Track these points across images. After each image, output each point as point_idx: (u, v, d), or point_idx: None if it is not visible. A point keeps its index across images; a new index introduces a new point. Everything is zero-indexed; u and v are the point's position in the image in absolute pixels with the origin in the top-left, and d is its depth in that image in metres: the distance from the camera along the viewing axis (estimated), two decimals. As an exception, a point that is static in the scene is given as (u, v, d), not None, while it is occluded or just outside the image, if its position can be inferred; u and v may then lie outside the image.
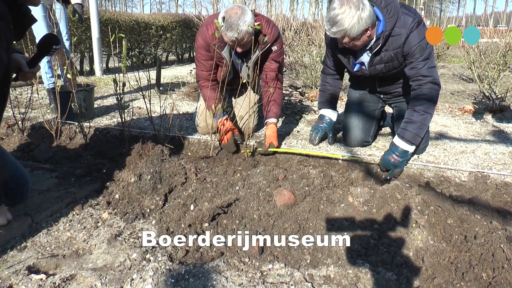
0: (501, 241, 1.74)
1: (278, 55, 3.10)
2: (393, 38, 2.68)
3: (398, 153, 2.73)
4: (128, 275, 1.63)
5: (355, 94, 3.39)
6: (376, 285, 1.70)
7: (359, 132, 3.25)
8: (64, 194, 2.32)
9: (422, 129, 2.72)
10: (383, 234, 1.99)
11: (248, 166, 2.87)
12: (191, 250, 1.87)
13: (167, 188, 2.33)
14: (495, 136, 3.74)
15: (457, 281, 1.68)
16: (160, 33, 11.05)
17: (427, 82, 2.68)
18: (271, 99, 3.23)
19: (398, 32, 2.65)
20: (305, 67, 6.48)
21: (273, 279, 1.70)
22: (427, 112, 2.69)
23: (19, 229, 1.99)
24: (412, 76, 2.75)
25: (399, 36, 2.66)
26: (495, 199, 2.39)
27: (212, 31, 2.94)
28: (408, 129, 2.71)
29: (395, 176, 2.77)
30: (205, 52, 3.05)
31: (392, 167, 2.73)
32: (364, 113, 3.32)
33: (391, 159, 2.73)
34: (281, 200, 2.22)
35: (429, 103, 2.69)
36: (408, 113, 2.77)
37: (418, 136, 2.71)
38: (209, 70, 3.09)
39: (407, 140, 2.71)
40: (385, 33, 2.65)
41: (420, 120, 2.69)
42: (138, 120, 4.01)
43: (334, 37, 2.62)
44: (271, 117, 3.23)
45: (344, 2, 2.48)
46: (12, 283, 1.58)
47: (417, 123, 2.70)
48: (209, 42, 2.98)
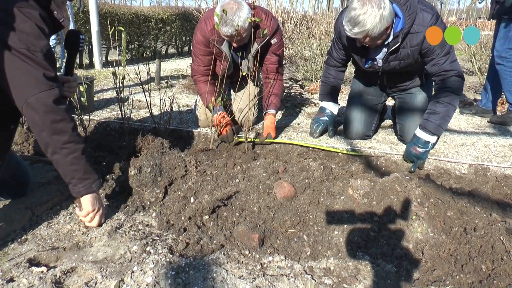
0: (501, 233, 1.74)
1: (277, 48, 3.08)
2: (411, 36, 2.65)
3: (420, 145, 2.71)
4: (129, 267, 1.64)
5: (359, 87, 3.37)
6: (376, 277, 1.71)
7: (360, 125, 3.24)
8: (64, 187, 2.31)
9: (445, 120, 2.71)
10: (383, 227, 1.99)
11: (248, 159, 2.87)
12: (191, 243, 1.88)
13: (167, 180, 2.33)
14: (495, 128, 3.73)
15: (456, 273, 1.68)
16: (159, 26, 11.00)
17: (452, 76, 2.67)
18: (271, 91, 3.21)
19: (417, 29, 2.62)
20: (305, 60, 6.47)
21: (273, 272, 1.70)
22: (450, 103, 2.68)
23: (20, 222, 1.99)
24: (435, 72, 2.73)
25: (418, 34, 2.63)
26: (495, 192, 2.40)
27: (211, 26, 2.92)
28: (431, 120, 2.71)
29: (419, 167, 2.75)
30: (204, 47, 3.04)
31: (415, 158, 2.71)
32: (367, 106, 3.31)
33: (413, 150, 2.72)
34: (281, 192, 2.22)
35: (453, 95, 2.68)
36: (431, 104, 2.75)
37: (440, 127, 2.70)
38: (207, 65, 3.08)
39: (429, 131, 2.70)
40: (404, 30, 2.62)
41: (443, 111, 2.68)
42: (138, 113, 4.01)
43: (355, 37, 2.59)
44: (270, 108, 3.22)
45: (365, 1, 2.44)
46: (13, 275, 1.58)
47: (440, 114, 2.68)
48: (208, 37, 2.97)
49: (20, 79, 1.66)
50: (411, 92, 3.19)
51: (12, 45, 1.62)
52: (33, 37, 1.66)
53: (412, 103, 3.18)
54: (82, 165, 1.85)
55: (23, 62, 1.64)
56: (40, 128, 1.72)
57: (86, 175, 1.87)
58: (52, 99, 1.69)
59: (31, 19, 1.66)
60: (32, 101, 1.67)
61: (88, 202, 1.93)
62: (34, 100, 1.67)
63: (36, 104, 1.67)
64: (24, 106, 1.68)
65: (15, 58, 1.63)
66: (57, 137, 1.75)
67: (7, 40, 1.61)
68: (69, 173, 1.84)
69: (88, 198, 1.92)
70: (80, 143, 1.83)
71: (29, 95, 1.67)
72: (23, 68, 1.65)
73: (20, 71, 1.65)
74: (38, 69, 1.67)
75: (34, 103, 1.67)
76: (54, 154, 1.79)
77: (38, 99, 1.67)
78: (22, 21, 1.64)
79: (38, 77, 1.67)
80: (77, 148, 1.81)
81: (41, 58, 1.68)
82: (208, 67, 3.10)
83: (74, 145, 1.80)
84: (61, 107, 1.74)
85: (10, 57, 1.63)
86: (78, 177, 1.86)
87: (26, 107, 1.68)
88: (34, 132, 1.77)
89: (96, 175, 1.93)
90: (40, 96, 1.67)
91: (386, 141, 3.26)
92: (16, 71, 1.65)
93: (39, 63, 1.68)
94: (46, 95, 1.68)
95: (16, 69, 1.64)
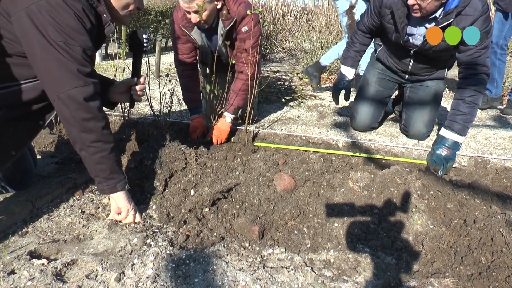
0: (500, 225, 1.74)
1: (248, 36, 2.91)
2: (461, 17, 2.56)
3: (449, 145, 2.64)
4: (129, 260, 1.64)
5: (372, 77, 3.34)
6: (375, 269, 1.71)
7: (368, 119, 3.24)
8: (64, 180, 2.32)
9: (470, 121, 2.66)
10: (383, 219, 2.00)
11: (248, 151, 2.86)
12: (191, 235, 1.88)
13: (167, 173, 2.33)
14: (496, 121, 3.73)
15: (456, 265, 1.69)
16: (159, 19, 10.95)
17: (481, 73, 2.61)
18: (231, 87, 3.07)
19: (469, 12, 2.53)
20: (305, 52, 6.44)
21: (273, 264, 1.71)
22: (475, 103, 2.62)
23: (20, 214, 1.99)
24: (468, 63, 2.64)
25: (468, 17, 2.54)
26: (495, 184, 2.40)
27: (182, 13, 2.88)
28: (457, 121, 2.64)
29: (448, 170, 2.63)
30: (181, 35, 2.98)
31: (445, 161, 2.60)
32: (376, 99, 3.30)
33: (443, 152, 2.63)
34: (281, 185, 2.22)
35: (478, 94, 2.62)
36: (456, 103, 2.68)
37: (466, 127, 2.65)
38: (187, 52, 3.03)
39: (456, 132, 2.64)
40: (458, 9, 2.53)
41: (469, 111, 2.62)
42: (138, 106, 4.00)
43: None
44: (226, 109, 3.05)
45: None
46: (14, 267, 1.59)
47: (466, 114, 2.62)
48: (180, 24, 2.92)
49: (54, 72, 1.64)
50: (426, 85, 3.15)
51: (51, 35, 1.60)
52: (72, 30, 1.64)
53: (424, 96, 3.14)
54: (109, 164, 1.83)
55: (59, 54, 1.62)
56: (70, 124, 1.72)
57: (112, 175, 1.85)
58: (84, 96, 1.68)
59: (72, 10, 1.64)
60: (64, 96, 1.66)
61: (113, 201, 1.93)
62: (66, 96, 1.65)
63: (67, 100, 1.66)
64: (56, 100, 1.68)
65: (52, 50, 1.61)
66: (85, 135, 1.73)
67: (47, 30, 1.59)
68: (95, 171, 1.84)
69: (115, 197, 1.91)
70: (109, 143, 1.81)
71: (61, 90, 1.65)
72: (58, 60, 1.63)
73: (56, 63, 1.63)
74: (74, 64, 1.65)
75: (65, 98, 1.66)
76: (81, 151, 1.78)
77: (69, 95, 1.65)
78: (64, 11, 1.62)
79: (73, 72, 1.65)
80: (105, 147, 1.79)
81: (78, 53, 1.66)
82: (190, 55, 3.06)
83: (103, 144, 1.78)
84: (92, 105, 1.72)
85: (47, 48, 1.61)
86: (103, 176, 1.84)
87: (58, 101, 1.67)
88: (64, 126, 1.76)
89: (122, 175, 1.91)
90: (72, 93, 1.66)
91: (386, 134, 3.25)
92: (51, 63, 1.63)
93: (75, 58, 1.65)
94: (78, 91, 1.67)
95: (52, 61, 1.63)
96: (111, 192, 1.89)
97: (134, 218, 1.96)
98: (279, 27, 7.97)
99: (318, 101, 4.42)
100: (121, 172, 1.91)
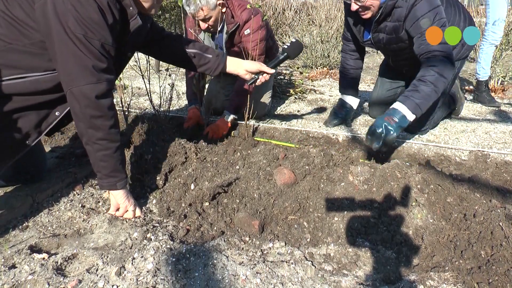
0: (500, 219, 1.74)
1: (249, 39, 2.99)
2: (396, 10, 2.65)
3: (396, 117, 2.41)
4: (130, 254, 1.64)
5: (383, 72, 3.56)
6: (375, 263, 1.72)
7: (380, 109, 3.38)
8: (64, 174, 2.33)
9: (426, 101, 2.46)
10: (383, 213, 2.00)
11: (248, 146, 2.86)
12: (191, 229, 1.88)
13: (167, 167, 2.33)
14: (496, 115, 3.72)
15: (456, 259, 1.69)
16: (159, 13, 10.90)
17: (438, 55, 2.49)
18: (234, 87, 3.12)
19: (401, 4, 2.60)
20: (306, 47, 6.43)
21: (273, 258, 1.71)
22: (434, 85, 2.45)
23: (21, 209, 2.00)
24: (423, 53, 2.56)
25: (401, 9, 2.61)
26: (495, 178, 2.40)
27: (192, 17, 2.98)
28: (411, 97, 2.45)
29: (387, 143, 2.40)
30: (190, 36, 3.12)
31: (384, 131, 2.37)
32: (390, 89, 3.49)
33: (387, 119, 2.40)
34: (281, 179, 2.22)
35: (438, 75, 2.46)
36: (414, 81, 2.52)
37: (419, 107, 2.43)
38: None
39: (407, 107, 2.42)
40: (388, 2, 2.60)
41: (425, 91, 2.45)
42: (138, 100, 4.00)
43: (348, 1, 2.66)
44: (226, 109, 3.10)
45: None
46: (15, 262, 1.59)
47: (421, 92, 2.44)
48: (189, 27, 3.08)
49: (69, 65, 1.64)
50: None
51: (71, 27, 1.59)
52: (94, 23, 1.63)
53: None
54: (112, 163, 1.83)
55: (76, 48, 1.62)
56: (79, 118, 1.72)
57: (113, 173, 1.85)
58: (96, 93, 1.67)
59: (96, 4, 1.63)
60: (76, 91, 1.66)
61: (113, 198, 1.93)
62: (78, 91, 1.66)
63: (79, 95, 1.66)
64: (68, 93, 1.68)
65: (69, 43, 1.61)
66: (92, 131, 1.74)
67: (68, 21, 1.59)
68: (97, 166, 1.84)
69: (114, 193, 1.91)
70: (115, 142, 1.81)
71: (74, 84, 1.65)
72: (74, 54, 1.62)
73: (71, 57, 1.62)
74: (90, 58, 1.64)
75: (77, 94, 1.66)
76: (87, 145, 1.79)
77: (81, 91, 1.65)
78: (88, 4, 1.61)
79: (88, 68, 1.65)
80: (110, 146, 1.79)
81: (96, 47, 1.65)
82: None
83: (108, 143, 1.78)
84: (103, 103, 1.72)
85: (65, 40, 1.60)
86: (104, 173, 1.85)
87: (70, 95, 1.68)
88: (73, 119, 1.77)
89: (124, 175, 1.90)
90: (84, 89, 1.65)
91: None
92: (67, 56, 1.63)
93: (92, 52, 1.65)
94: (91, 88, 1.66)
95: (68, 54, 1.62)
96: (110, 189, 1.90)
97: (134, 214, 1.96)
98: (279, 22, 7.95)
99: (318, 96, 4.41)
100: (123, 171, 1.91)
